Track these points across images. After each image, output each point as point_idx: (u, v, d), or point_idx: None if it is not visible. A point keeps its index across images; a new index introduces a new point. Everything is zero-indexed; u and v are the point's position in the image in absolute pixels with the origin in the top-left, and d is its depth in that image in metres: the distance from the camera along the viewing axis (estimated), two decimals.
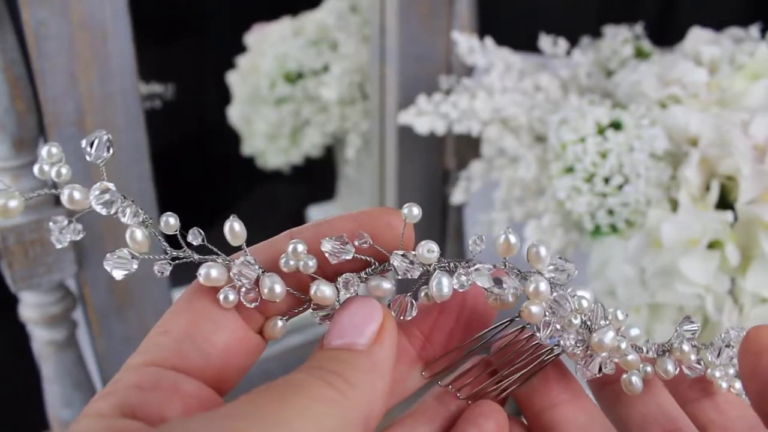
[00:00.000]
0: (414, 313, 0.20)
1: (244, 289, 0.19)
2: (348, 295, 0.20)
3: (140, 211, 0.19)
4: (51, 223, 0.19)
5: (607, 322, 0.22)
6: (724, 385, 0.23)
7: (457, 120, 0.51)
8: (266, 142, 0.70)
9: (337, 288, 0.20)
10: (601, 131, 0.43)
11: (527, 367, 0.23)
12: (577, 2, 0.77)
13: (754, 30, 0.51)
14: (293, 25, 0.69)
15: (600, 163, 0.43)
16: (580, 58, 0.55)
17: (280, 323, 0.20)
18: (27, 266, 0.41)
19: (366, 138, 0.66)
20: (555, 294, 0.21)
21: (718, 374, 0.23)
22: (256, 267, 0.19)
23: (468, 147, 0.61)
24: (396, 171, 0.60)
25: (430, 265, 0.20)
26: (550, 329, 0.21)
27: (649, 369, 0.22)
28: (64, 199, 0.19)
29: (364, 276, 0.20)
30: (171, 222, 0.19)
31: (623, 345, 0.22)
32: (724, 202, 0.42)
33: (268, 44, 0.68)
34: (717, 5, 0.69)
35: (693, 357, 0.22)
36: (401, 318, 0.20)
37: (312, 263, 0.19)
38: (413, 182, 0.61)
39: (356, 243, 0.19)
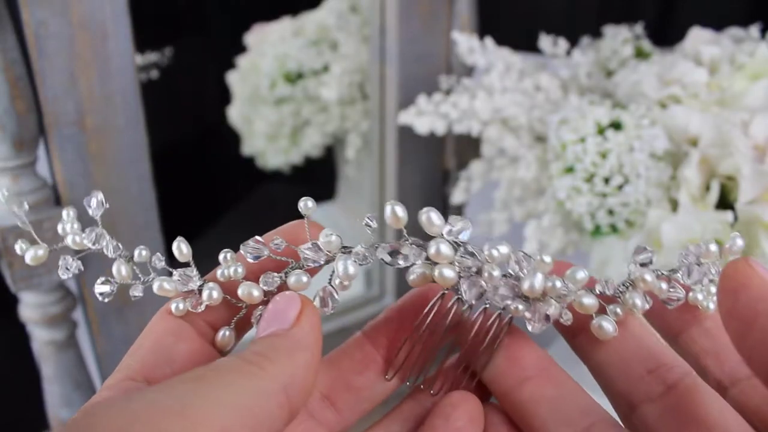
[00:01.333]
0: (337, 300, 0.21)
1: (190, 299, 0.22)
2: (272, 291, 0.21)
3: (119, 246, 0.23)
4: (60, 261, 0.23)
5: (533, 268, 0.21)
6: (711, 305, 0.21)
7: (457, 120, 0.51)
8: (266, 142, 0.70)
9: (263, 289, 0.21)
10: (601, 131, 0.43)
11: (484, 343, 0.22)
12: (577, 2, 0.77)
13: (754, 30, 0.51)
14: (293, 25, 0.69)
15: (600, 163, 0.43)
16: (580, 58, 0.55)
17: (227, 333, 0.22)
18: (27, 266, 0.41)
19: (366, 138, 0.66)
20: (460, 250, 0.21)
21: (700, 296, 0.21)
22: (196, 278, 0.22)
23: (468, 147, 0.61)
24: (396, 171, 0.60)
25: (332, 252, 0.21)
26: (474, 289, 0.21)
27: (618, 309, 0.21)
28: (68, 242, 0.23)
29: (284, 275, 0.21)
30: (183, 249, 0.22)
31: (558, 284, 0.20)
32: (724, 202, 0.42)
33: (268, 44, 0.68)
34: (717, 5, 0.69)
35: (664, 286, 0.21)
36: (325, 308, 0.21)
37: (240, 270, 0.21)
38: (413, 182, 0.61)
39: (271, 245, 0.21)
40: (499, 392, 0.22)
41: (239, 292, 0.21)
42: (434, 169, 0.62)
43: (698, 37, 0.50)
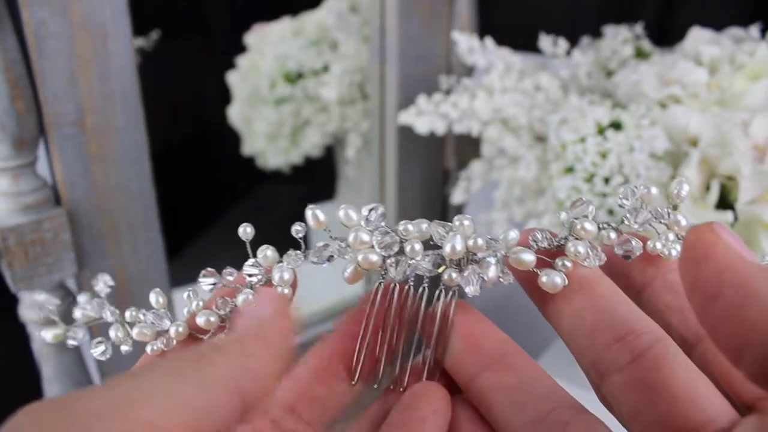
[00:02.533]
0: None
1: (163, 339, 0.23)
2: (227, 315, 0.22)
3: (116, 311, 0.24)
4: (69, 333, 0.23)
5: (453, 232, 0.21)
6: (674, 252, 0.20)
7: (457, 120, 0.51)
8: (266, 142, 0.70)
9: (218, 314, 0.22)
10: (601, 131, 0.43)
11: (435, 328, 0.22)
12: (577, 2, 0.77)
13: (754, 30, 0.51)
14: (293, 25, 0.69)
15: (600, 163, 0.43)
16: (580, 58, 0.55)
17: None
18: (27, 266, 0.41)
19: (366, 138, 0.66)
20: (376, 233, 0.21)
21: (659, 245, 0.20)
22: (167, 319, 0.23)
23: (468, 147, 0.61)
24: (396, 171, 0.60)
25: (270, 265, 0.22)
26: (399, 267, 0.21)
27: (567, 262, 0.20)
28: (77, 315, 0.24)
29: (234, 300, 0.22)
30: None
31: (480, 241, 0.20)
32: (724, 202, 0.42)
33: (268, 44, 0.68)
34: (717, 5, 0.69)
35: (612, 236, 0.20)
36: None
37: (202, 303, 0.22)
38: (413, 182, 0.61)
39: (224, 273, 0.22)
40: (462, 383, 0.21)
41: (198, 321, 0.22)
42: (434, 169, 0.62)
43: (698, 37, 0.50)
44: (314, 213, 0.21)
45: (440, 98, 0.52)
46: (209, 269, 0.22)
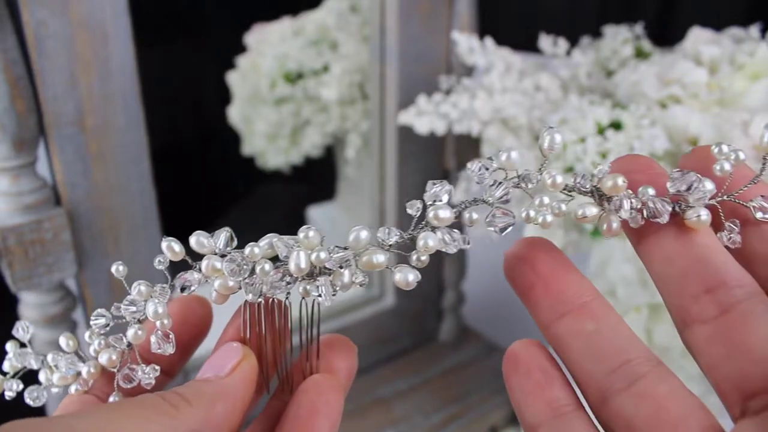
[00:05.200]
0: (170, 342, 0.23)
1: (79, 382, 0.24)
2: (124, 349, 0.23)
3: (39, 358, 0.24)
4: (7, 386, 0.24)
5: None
6: (549, 218, 0.20)
7: (457, 120, 0.51)
8: (266, 142, 0.70)
9: (118, 350, 0.23)
10: (601, 131, 0.43)
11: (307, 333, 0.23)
12: (577, 2, 0.77)
13: (754, 30, 0.51)
14: (293, 25, 0.69)
15: (600, 163, 0.43)
16: (580, 58, 0.55)
17: (115, 399, 0.23)
18: (27, 266, 0.41)
19: (366, 138, 0.66)
20: (226, 260, 0.21)
21: (533, 213, 0.20)
22: (78, 362, 0.23)
23: (468, 147, 0.61)
24: (396, 171, 0.60)
25: (145, 299, 0.23)
26: (251, 288, 0.21)
27: (422, 257, 0.20)
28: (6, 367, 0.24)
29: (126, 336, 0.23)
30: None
31: (323, 255, 0.20)
32: None
33: (268, 44, 0.68)
34: (717, 5, 0.69)
35: (475, 216, 0.20)
36: (159, 349, 0.23)
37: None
38: (413, 182, 0.61)
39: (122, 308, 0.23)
40: (542, 325, 0.21)
41: (101, 360, 0.23)
42: (434, 169, 0.62)
43: (698, 37, 0.50)
44: (170, 245, 0.22)
45: (440, 98, 0.52)
46: (100, 310, 0.24)
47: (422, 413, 0.60)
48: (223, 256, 0.21)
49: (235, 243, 0.21)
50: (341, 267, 0.20)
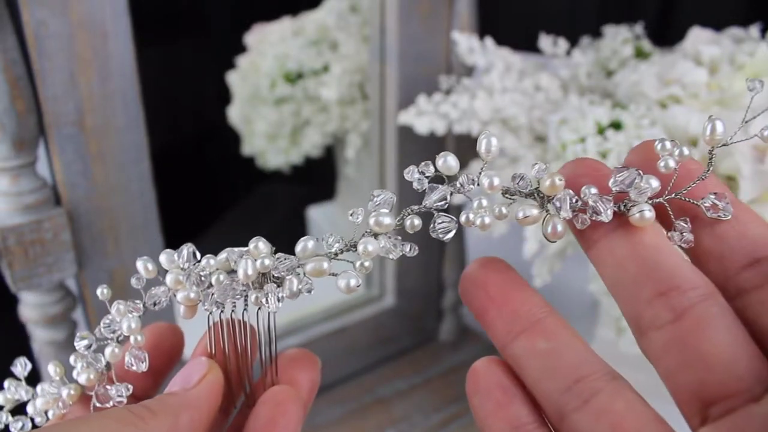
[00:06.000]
0: (144, 358, 0.23)
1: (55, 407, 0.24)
2: (102, 370, 0.24)
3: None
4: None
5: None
6: (487, 220, 0.20)
7: (457, 120, 0.51)
8: (266, 142, 0.70)
9: (95, 369, 0.24)
10: (601, 131, 0.43)
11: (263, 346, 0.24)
12: (577, 2, 0.77)
13: (754, 30, 0.51)
14: (293, 25, 0.69)
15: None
16: (580, 58, 0.55)
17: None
18: (27, 266, 0.41)
19: (366, 138, 0.66)
20: (185, 272, 0.22)
21: (471, 216, 0.20)
22: (61, 386, 0.24)
23: (468, 147, 0.61)
24: (396, 171, 0.60)
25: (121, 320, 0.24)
26: (209, 299, 0.22)
27: (365, 263, 0.21)
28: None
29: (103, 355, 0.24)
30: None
31: (267, 262, 0.21)
32: None
33: (268, 44, 0.68)
34: (717, 5, 0.69)
35: (416, 222, 0.20)
36: (135, 367, 0.23)
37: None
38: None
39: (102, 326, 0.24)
40: (499, 346, 0.21)
41: (80, 380, 0.23)
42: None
43: (698, 37, 0.50)
44: (144, 264, 0.23)
45: (440, 98, 0.52)
46: (84, 332, 0.24)
47: (422, 413, 0.60)
48: (182, 269, 0.22)
49: (198, 257, 0.23)
50: (288, 275, 0.21)
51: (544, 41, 0.56)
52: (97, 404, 0.23)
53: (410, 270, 0.64)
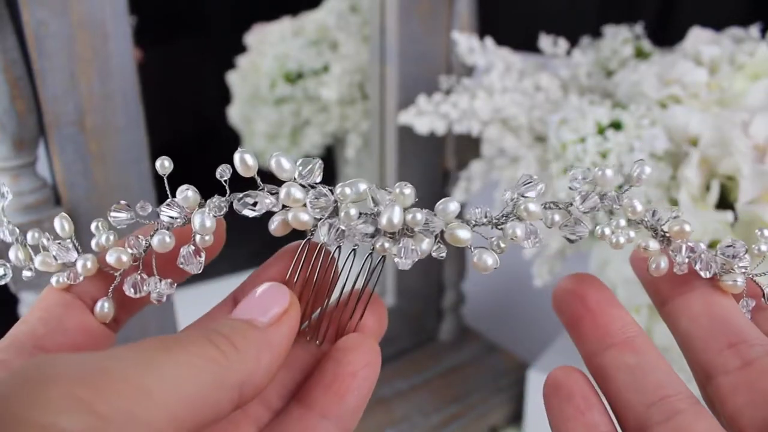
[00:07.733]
0: (200, 261, 0.21)
1: (69, 272, 0.21)
2: (141, 254, 0.21)
3: (15, 229, 0.22)
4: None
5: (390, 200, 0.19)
6: (622, 239, 0.21)
7: (457, 120, 0.51)
8: (266, 142, 0.70)
9: (131, 253, 0.21)
10: (601, 131, 0.43)
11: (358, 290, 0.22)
12: (577, 2, 0.77)
13: (754, 30, 0.51)
14: (293, 25, 0.69)
15: (600, 163, 0.43)
16: (580, 58, 0.55)
17: (105, 304, 0.21)
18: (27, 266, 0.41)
19: (366, 138, 0.66)
20: (312, 192, 0.20)
21: (608, 231, 0.21)
22: (73, 251, 0.22)
23: (468, 147, 0.61)
24: (396, 171, 0.60)
25: (190, 208, 0.21)
26: (332, 230, 0.20)
27: (502, 243, 0.20)
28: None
29: (150, 237, 0.21)
30: (65, 226, 0.22)
31: (419, 216, 0.19)
32: (724, 202, 0.42)
33: (268, 44, 0.68)
34: (717, 5, 0.69)
35: (557, 218, 0.20)
36: (190, 265, 0.21)
37: (112, 237, 0.21)
38: (413, 182, 0.61)
39: (137, 208, 0.22)
40: (586, 355, 0.22)
41: (108, 259, 0.21)
42: (434, 169, 0.62)
43: (698, 37, 0.50)
44: (242, 157, 0.20)
45: (440, 98, 0.52)
46: (122, 202, 0.21)
47: (422, 413, 0.60)
48: (303, 186, 0.20)
49: (320, 178, 0.20)
50: (426, 233, 0.20)
51: (544, 41, 0.56)
52: (129, 292, 0.21)
53: (410, 270, 0.64)
